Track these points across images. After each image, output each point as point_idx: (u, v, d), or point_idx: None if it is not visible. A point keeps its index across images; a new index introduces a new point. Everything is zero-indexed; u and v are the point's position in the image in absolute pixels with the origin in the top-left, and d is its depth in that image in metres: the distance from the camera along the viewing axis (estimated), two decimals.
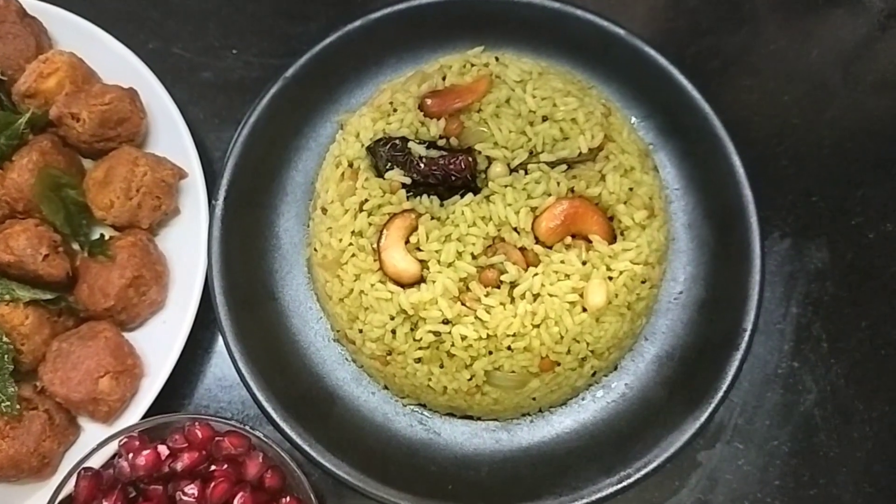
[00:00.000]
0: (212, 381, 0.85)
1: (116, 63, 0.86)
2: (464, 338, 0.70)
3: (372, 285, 0.72)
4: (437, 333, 0.71)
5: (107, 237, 0.81)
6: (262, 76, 0.90)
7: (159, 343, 0.80)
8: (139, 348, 0.81)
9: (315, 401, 0.80)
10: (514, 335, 0.70)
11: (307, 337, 0.81)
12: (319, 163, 0.83)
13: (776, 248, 0.88)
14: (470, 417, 0.80)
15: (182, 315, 0.80)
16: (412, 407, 0.80)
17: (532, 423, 0.80)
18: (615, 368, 0.81)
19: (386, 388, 0.80)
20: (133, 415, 0.78)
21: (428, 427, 0.80)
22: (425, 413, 0.80)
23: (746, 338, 0.77)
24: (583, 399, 0.80)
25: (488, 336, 0.70)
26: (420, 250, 0.71)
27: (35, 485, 0.78)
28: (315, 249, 0.78)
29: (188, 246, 0.81)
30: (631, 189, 0.74)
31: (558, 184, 0.72)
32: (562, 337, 0.71)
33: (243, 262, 0.80)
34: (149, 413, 0.78)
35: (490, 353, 0.71)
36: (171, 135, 0.85)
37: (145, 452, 0.72)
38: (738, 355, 0.77)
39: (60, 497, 0.72)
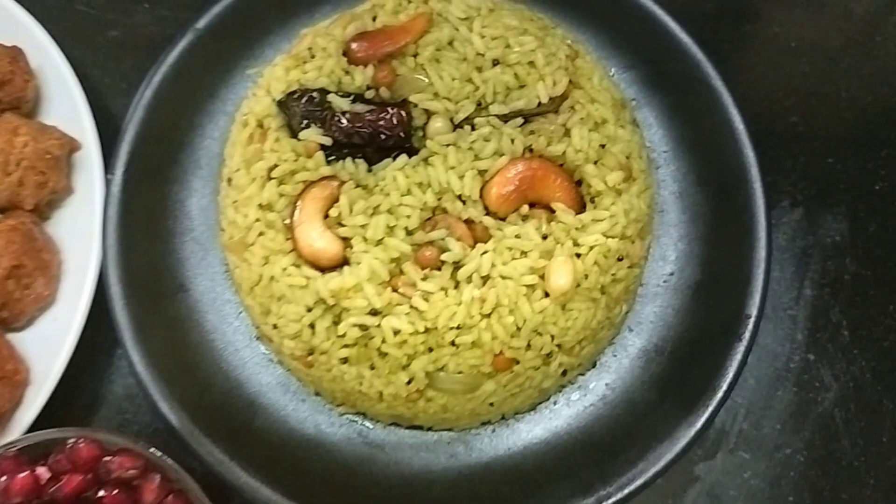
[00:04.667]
0: (117, 392, 0.72)
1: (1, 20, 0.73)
2: (397, 332, 0.57)
3: (284, 270, 0.59)
4: (363, 327, 0.58)
5: None
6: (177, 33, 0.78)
7: (49, 346, 0.67)
8: (26, 351, 0.68)
9: (232, 411, 0.67)
10: (458, 327, 0.57)
11: (224, 335, 0.68)
12: None
13: (786, 220, 0.75)
14: (419, 427, 0.67)
15: (74, 309, 0.67)
16: (349, 416, 0.67)
17: (493, 433, 0.67)
18: (593, 366, 0.68)
19: (318, 394, 0.67)
20: (15, 431, 0.66)
21: (369, 440, 0.67)
22: (365, 423, 0.67)
23: (751, 326, 0.64)
24: (555, 403, 0.67)
25: (427, 329, 0.57)
26: (342, 226, 0.58)
27: None
28: (222, 229, 0.65)
29: (82, 231, 0.69)
30: (603, 146, 0.61)
31: (512, 141, 0.59)
32: (518, 328, 0.58)
33: (146, 248, 0.67)
34: (35, 429, 0.65)
35: (430, 350, 0.58)
36: (65, 101, 0.72)
37: (21, 476, 0.60)
38: (742, 347, 0.64)
39: None
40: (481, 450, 0.67)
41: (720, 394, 0.63)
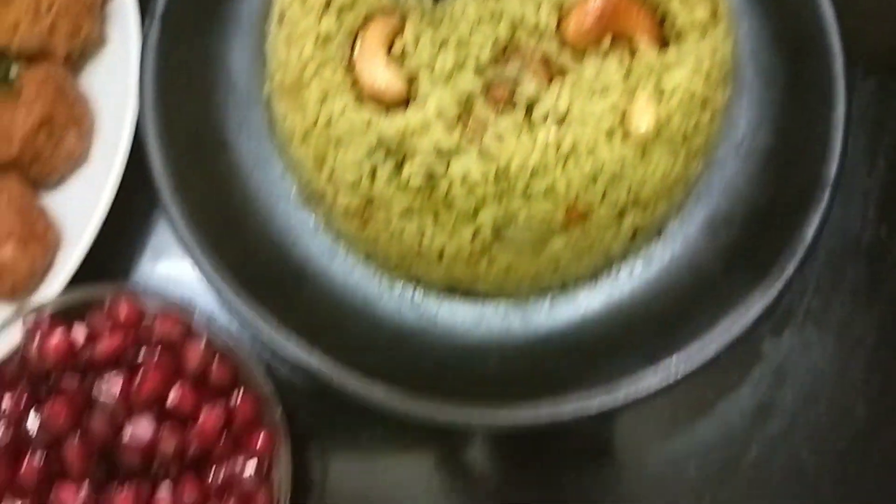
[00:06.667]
0: (151, 259, 0.68)
1: None
2: (466, 177, 0.53)
3: (343, 109, 0.54)
4: (429, 172, 0.54)
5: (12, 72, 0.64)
6: None
7: (82, 207, 0.63)
8: (57, 214, 0.64)
9: (279, 279, 0.63)
10: (532, 172, 0.53)
11: (269, 199, 0.64)
12: None
13: (859, 89, 0.70)
14: (475, 296, 0.63)
15: (109, 167, 0.63)
16: (401, 285, 0.63)
17: (552, 305, 0.63)
18: (658, 235, 0.64)
19: (368, 260, 0.64)
20: (47, 294, 0.62)
21: (421, 311, 0.63)
22: (418, 293, 0.63)
23: (828, 192, 0.60)
24: (617, 274, 0.63)
25: (498, 174, 0.53)
26: (407, 61, 0.54)
27: None
28: (271, 78, 0.60)
29: (116, 85, 0.64)
30: None
31: None
32: (595, 176, 0.54)
33: (185, 103, 0.63)
34: None
35: (500, 198, 0.54)
36: None
37: (56, 336, 0.56)
38: (818, 214, 0.60)
39: None
40: (539, 321, 0.63)
41: (795, 261, 0.59)
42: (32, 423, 0.55)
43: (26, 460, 0.54)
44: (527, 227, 0.55)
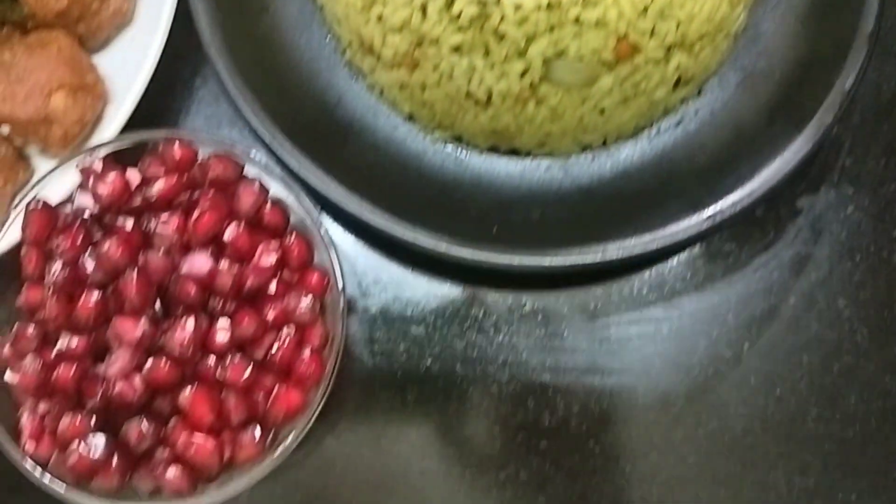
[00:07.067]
0: (198, 120, 0.69)
1: None
2: (518, 7, 0.54)
3: None
4: (481, 4, 0.54)
5: None
6: None
7: (127, 66, 0.64)
8: (103, 72, 0.64)
9: (324, 133, 0.64)
10: (584, 2, 0.54)
11: (312, 61, 0.65)
12: None
13: None
14: (517, 154, 0.64)
15: (154, 28, 0.63)
16: (445, 143, 0.64)
17: (593, 159, 0.64)
18: (699, 93, 0.65)
19: (411, 118, 0.64)
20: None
21: (464, 166, 0.64)
22: (461, 150, 0.64)
23: (866, 44, 0.61)
24: (658, 130, 0.65)
25: (550, 3, 0.54)
26: None
27: None
28: None
29: None
30: None
31: None
32: (646, 7, 0.55)
33: None
34: None
35: (552, 29, 0.55)
36: None
37: (111, 177, 0.57)
38: (856, 65, 0.61)
39: (4, 237, 0.57)
40: (581, 175, 0.64)
41: (834, 111, 0.60)
42: (89, 262, 0.55)
43: (83, 297, 0.55)
44: (576, 60, 0.56)
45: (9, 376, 0.55)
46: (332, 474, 0.62)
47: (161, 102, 0.67)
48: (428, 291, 0.66)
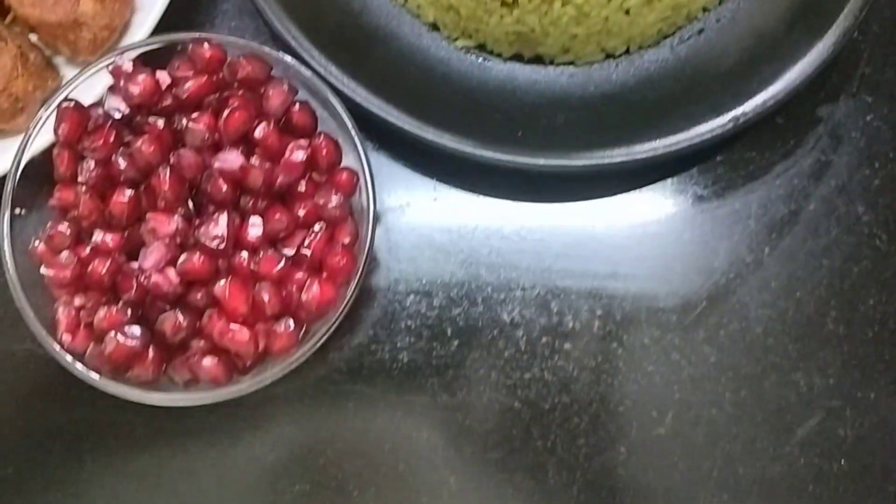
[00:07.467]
0: (223, 32, 0.69)
1: None
2: None
3: None
4: None
5: None
6: None
7: None
8: None
9: (350, 39, 0.64)
10: None
11: None
12: None
13: None
14: (540, 62, 0.65)
15: None
16: (469, 50, 0.65)
17: (617, 67, 0.65)
18: (720, 2, 0.65)
19: (435, 27, 0.65)
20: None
21: (489, 74, 0.65)
22: (485, 58, 0.65)
23: None
24: (680, 37, 0.65)
25: None
26: None
27: (7, 141, 0.63)
28: None
29: None
30: None
31: None
32: None
33: None
34: None
35: None
36: None
37: (141, 78, 0.57)
38: None
39: (36, 139, 0.58)
40: (604, 81, 0.65)
41: (853, 14, 0.61)
42: (121, 161, 0.56)
43: (115, 195, 0.55)
44: None
45: (43, 270, 0.55)
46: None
47: (186, 14, 0.67)
48: (455, 203, 0.66)
